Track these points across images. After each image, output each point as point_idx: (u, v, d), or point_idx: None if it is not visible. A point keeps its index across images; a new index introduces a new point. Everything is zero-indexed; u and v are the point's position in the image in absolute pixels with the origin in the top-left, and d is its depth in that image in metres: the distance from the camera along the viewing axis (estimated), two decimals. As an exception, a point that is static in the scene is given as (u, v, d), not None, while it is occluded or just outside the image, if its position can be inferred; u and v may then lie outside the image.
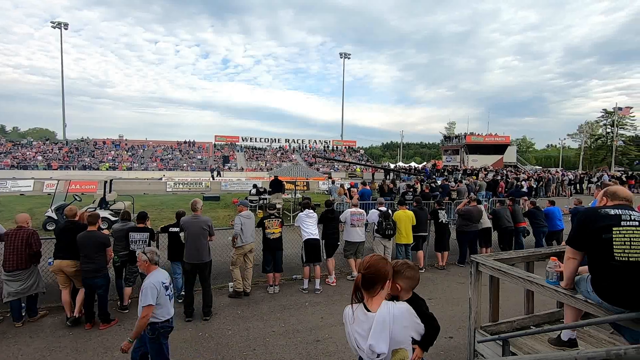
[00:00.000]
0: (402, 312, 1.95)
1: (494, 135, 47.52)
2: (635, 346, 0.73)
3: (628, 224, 2.21)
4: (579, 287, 2.54)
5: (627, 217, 2.24)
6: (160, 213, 14.08)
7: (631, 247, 2.14)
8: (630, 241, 2.16)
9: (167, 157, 42.03)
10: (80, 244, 4.93)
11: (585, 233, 2.36)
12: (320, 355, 4.42)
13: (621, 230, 2.20)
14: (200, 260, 5.41)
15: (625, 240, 2.17)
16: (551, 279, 2.76)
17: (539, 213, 9.14)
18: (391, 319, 1.91)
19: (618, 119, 56.18)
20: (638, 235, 2.17)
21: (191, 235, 5.44)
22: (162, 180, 27.89)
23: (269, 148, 50.24)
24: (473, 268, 3.58)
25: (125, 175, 31.92)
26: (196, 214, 5.65)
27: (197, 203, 5.74)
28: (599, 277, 2.29)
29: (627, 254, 2.14)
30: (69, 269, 5.06)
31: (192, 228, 5.46)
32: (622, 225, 2.21)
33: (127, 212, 6.09)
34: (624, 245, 2.16)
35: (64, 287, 5.17)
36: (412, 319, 1.98)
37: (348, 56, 53.67)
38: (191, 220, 5.56)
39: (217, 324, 5.22)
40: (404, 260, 2.37)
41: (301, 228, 6.72)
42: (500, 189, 17.44)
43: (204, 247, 5.50)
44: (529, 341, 3.23)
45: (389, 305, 1.96)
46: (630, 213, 2.28)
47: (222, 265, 7.20)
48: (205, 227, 5.54)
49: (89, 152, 39.89)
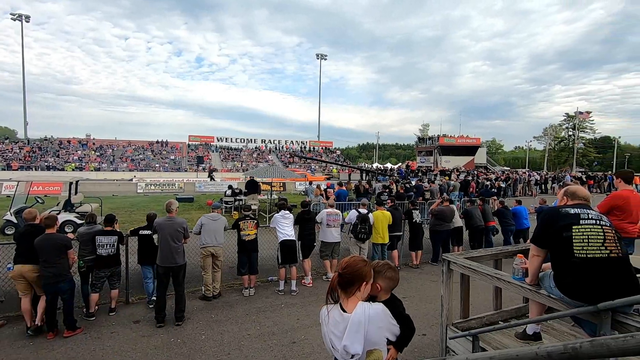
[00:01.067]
0: (377, 313, 1.96)
1: (466, 137, 49.18)
2: (590, 339, 0.77)
3: (586, 222, 2.32)
4: (542, 283, 2.66)
5: (586, 216, 2.35)
6: (130, 215, 13.60)
7: (589, 244, 2.24)
8: (588, 239, 2.25)
9: (138, 158, 40.66)
10: (39, 248, 4.65)
11: (548, 232, 2.46)
12: (296, 357, 4.40)
13: (580, 229, 2.29)
14: (174, 264, 5.25)
15: (584, 237, 2.26)
16: (517, 275, 2.88)
17: (507, 212, 9.53)
18: (366, 319, 1.91)
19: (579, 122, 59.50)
20: (595, 232, 2.27)
21: (165, 237, 5.26)
22: (133, 181, 26.88)
23: (244, 148, 49.64)
24: (445, 267, 3.68)
25: (93, 176, 30.56)
26: (171, 216, 5.48)
27: (171, 204, 5.57)
28: (561, 273, 2.40)
29: (586, 250, 2.24)
30: (31, 274, 4.78)
31: (167, 230, 5.29)
32: (581, 223, 2.31)
33: (93, 215, 5.82)
34: (583, 242, 2.25)
35: (25, 295, 4.87)
36: (388, 320, 1.99)
37: (324, 57, 53.93)
38: (165, 222, 5.38)
39: (190, 329, 5.09)
40: (386, 261, 2.38)
41: (277, 229, 6.67)
42: (472, 189, 18.06)
43: (179, 249, 5.34)
44: (497, 336, 3.35)
45: (365, 306, 1.96)
46: (588, 212, 2.39)
47: (196, 268, 7.03)
48: (180, 230, 5.39)
49: (53, 151, 37.96)
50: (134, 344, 4.65)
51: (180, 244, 5.38)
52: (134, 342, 4.68)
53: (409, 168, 35.05)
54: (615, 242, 2.27)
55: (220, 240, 6.29)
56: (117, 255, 5.60)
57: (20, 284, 4.80)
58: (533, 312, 2.86)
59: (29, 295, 4.89)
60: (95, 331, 4.95)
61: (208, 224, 6.19)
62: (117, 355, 4.38)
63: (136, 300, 6.03)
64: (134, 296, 6.08)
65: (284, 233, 6.59)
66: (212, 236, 6.15)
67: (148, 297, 5.90)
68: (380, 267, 2.22)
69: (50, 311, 4.78)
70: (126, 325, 5.17)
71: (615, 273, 2.21)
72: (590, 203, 2.61)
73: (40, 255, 4.67)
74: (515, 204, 10.14)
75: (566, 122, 66.87)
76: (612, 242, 2.26)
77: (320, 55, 53.58)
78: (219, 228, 6.27)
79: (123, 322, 5.24)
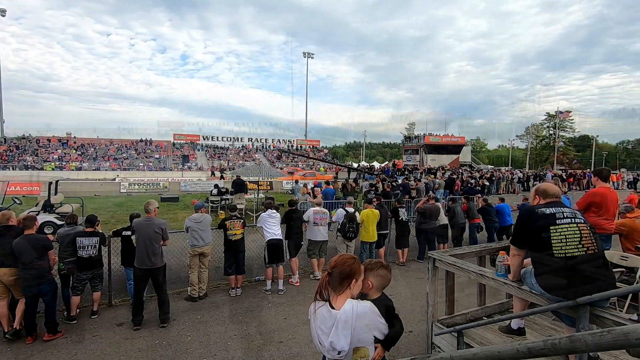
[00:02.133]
0: (365, 311, 1.96)
1: (451, 136, 49.86)
2: (568, 335, 0.79)
3: (562, 222, 2.41)
4: (525, 279, 2.72)
5: (561, 215, 2.44)
6: (113, 216, 13.31)
7: (567, 244, 2.34)
8: (565, 238, 2.35)
9: (122, 157, 39.78)
10: (18, 250, 4.49)
11: (526, 233, 2.56)
12: (283, 356, 4.39)
13: (557, 229, 2.38)
14: (153, 266, 5.14)
15: (562, 237, 2.36)
16: (500, 271, 2.94)
17: (490, 210, 9.72)
18: (354, 317, 1.92)
19: (559, 121, 61.10)
20: (572, 231, 2.37)
21: (143, 238, 5.14)
22: (116, 180, 26.31)
23: (231, 147, 49.15)
24: (430, 264, 3.73)
25: (74, 176, 29.74)
26: (150, 216, 5.36)
27: (150, 204, 5.44)
28: (541, 271, 2.49)
29: (564, 250, 2.33)
30: (8, 277, 4.61)
31: (144, 231, 5.16)
32: (558, 223, 2.40)
33: (73, 216, 5.67)
34: (561, 242, 2.35)
35: (1, 299, 4.71)
36: (375, 318, 1.99)
37: (311, 56, 53.81)
38: (144, 223, 5.26)
39: (175, 331, 5.01)
40: (379, 259, 2.39)
41: (264, 228, 6.63)
42: (457, 187, 18.35)
43: (157, 251, 5.21)
44: (481, 332, 3.41)
45: (354, 303, 1.97)
46: (563, 210, 2.48)
47: (181, 269, 6.94)
48: (158, 231, 5.24)
49: (32, 150, 36.77)
50: (116, 347, 4.56)
51: (158, 246, 5.25)
52: (116, 346, 4.59)
53: (395, 167, 35.35)
54: (591, 238, 2.37)
55: (207, 240, 6.24)
56: (99, 257, 5.47)
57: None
58: (517, 307, 2.94)
59: (7, 299, 4.73)
60: (76, 335, 4.82)
61: (192, 226, 6.13)
62: (99, 358, 4.29)
63: (119, 302, 5.90)
64: (117, 298, 5.95)
65: (271, 232, 6.56)
66: (198, 237, 6.10)
67: (132, 299, 5.78)
68: (372, 265, 2.23)
69: (29, 314, 4.64)
70: (109, 328, 5.06)
71: (592, 269, 2.31)
72: (560, 199, 2.70)
73: (20, 257, 4.51)
74: (498, 202, 10.35)
75: (547, 121, 68.63)
76: (588, 239, 2.36)
77: (307, 53, 53.46)
78: (204, 228, 6.20)
79: (105, 325, 5.12)
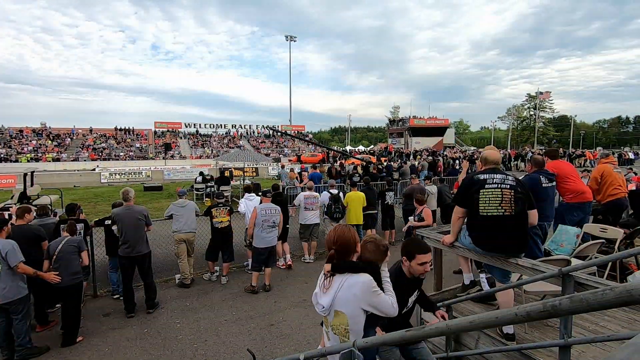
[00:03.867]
0: (357, 281, 1.95)
1: (435, 118, 50.19)
2: (569, 296, 0.77)
3: (490, 186, 2.78)
4: (458, 238, 3.17)
5: (491, 181, 2.81)
6: (94, 207, 12.96)
7: (489, 205, 2.74)
8: (489, 200, 2.75)
9: (101, 146, 38.54)
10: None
11: (464, 194, 2.95)
12: (274, 339, 4.41)
13: (484, 192, 2.78)
14: (138, 253, 5.05)
15: (486, 199, 2.76)
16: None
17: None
18: (344, 280, 1.97)
19: (539, 102, 62.19)
20: (495, 195, 2.75)
21: (126, 227, 5.01)
22: (96, 171, 25.50)
23: (215, 134, 48.24)
24: (418, 242, 3.75)
25: (52, 167, 28.73)
26: (129, 204, 5.20)
27: (128, 192, 5.27)
28: (470, 227, 2.96)
29: (486, 210, 2.75)
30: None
31: (127, 219, 5.04)
32: (486, 187, 2.79)
33: (44, 207, 5.46)
34: (485, 203, 2.76)
35: None
36: (368, 290, 1.95)
37: (294, 39, 52.75)
38: (124, 212, 5.11)
39: (165, 318, 4.96)
40: (370, 235, 2.41)
41: (246, 215, 6.57)
42: (439, 168, 18.60)
43: (141, 238, 5.13)
44: (470, 306, 3.49)
45: (348, 275, 2.00)
46: (494, 176, 2.83)
47: (167, 257, 6.83)
48: (141, 217, 5.15)
49: (4, 142, 35.19)
50: (104, 337, 4.48)
51: (143, 233, 5.17)
52: (104, 336, 4.51)
53: (387, 150, 35.58)
54: (511, 202, 2.73)
55: (192, 226, 6.14)
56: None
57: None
58: (461, 263, 3.47)
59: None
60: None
61: (177, 211, 6.03)
62: (86, 349, 4.21)
63: (104, 292, 5.78)
64: (101, 289, 5.83)
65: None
66: (182, 222, 6.01)
67: (113, 287, 5.68)
68: (363, 242, 2.29)
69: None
70: (95, 319, 4.96)
71: (507, 228, 2.72)
72: (499, 166, 3.08)
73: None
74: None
75: (528, 102, 69.80)
76: (508, 202, 2.73)
77: (290, 36, 52.36)
78: (189, 214, 6.09)
79: (92, 317, 5.01)
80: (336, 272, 2.01)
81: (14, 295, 3.90)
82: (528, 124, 69.46)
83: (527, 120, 70.56)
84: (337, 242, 2.05)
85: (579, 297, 0.74)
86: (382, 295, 1.97)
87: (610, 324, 2.97)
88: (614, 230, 4.58)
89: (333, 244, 2.05)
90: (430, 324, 1.62)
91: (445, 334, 2.86)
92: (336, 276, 2.01)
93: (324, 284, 2.07)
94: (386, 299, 1.98)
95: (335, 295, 1.97)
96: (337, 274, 2.01)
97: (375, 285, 1.96)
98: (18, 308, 3.95)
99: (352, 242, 2.06)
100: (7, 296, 3.87)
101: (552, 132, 68.33)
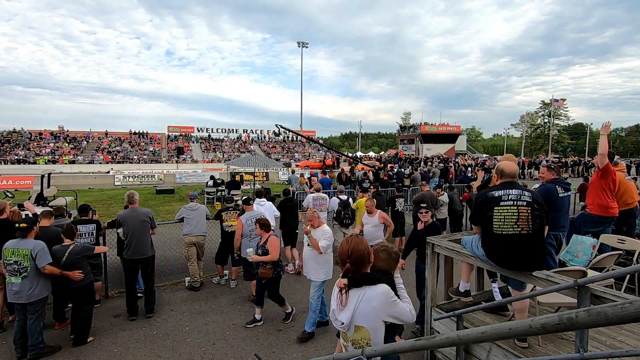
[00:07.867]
0: (376, 293, 1.93)
1: (446, 125, 49.78)
2: (586, 309, 0.75)
3: (505, 203, 2.69)
4: (465, 244, 3.16)
5: (506, 197, 2.70)
6: (108, 208, 13.20)
7: (504, 223, 2.65)
8: (504, 218, 2.66)
9: (115, 150, 39.31)
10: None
11: (478, 212, 2.88)
12: (283, 344, 4.38)
13: (499, 210, 2.69)
14: (143, 256, 5.10)
15: (501, 217, 2.67)
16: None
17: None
18: (362, 294, 1.92)
19: (554, 109, 61.13)
20: (511, 213, 2.65)
21: (132, 229, 5.06)
22: (110, 173, 25.99)
23: (226, 139, 48.74)
24: (429, 249, 3.70)
25: (68, 169, 29.41)
26: (133, 207, 5.27)
27: (133, 195, 5.33)
28: (485, 243, 2.86)
29: (501, 228, 2.66)
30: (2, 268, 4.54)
31: (132, 222, 5.09)
32: (501, 204, 2.70)
33: (60, 208, 5.58)
34: (500, 221, 2.67)
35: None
36: (387, 301, 1.93)
37: (306, 45, 53.17)
38: (129, 214, 5.17)
39: (174, 321, 4.99)
40: (381, 243, 2.38)
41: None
42: (451, 175, 18.41)
43: (147, 241, 5.18)
44: (480, 316, 3.42)
45: (366, 288, 1.96)
46: (510, 192, 2.71)
47: (177, 259, 6.89)
48: (146, 220, 5.19)
49: (24, 144, 36.19)
50: (114, 338, 4.52)
51: (148, 235, 5.21)
52: (114, 337, 4.55)
53: (397, 156, 35.42)
54: (528, 221, 2.63)
55: (202, 229, 6.19)
56: (96, 245, 5.39)
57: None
58: (463, 269, 3.44)
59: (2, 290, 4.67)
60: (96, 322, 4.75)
61: (188, 214, 6.09)
62: (97, 350, 4.25)
63: (116, 293, 5.85)
64: (113, 290, 5.90)
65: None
66: (193, 225, 6.06)
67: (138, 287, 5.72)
68: (374, 250, 2.24)
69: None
70: (106, 319, 5.02)
71: (524, 247, 2.62)
72: (516, 179, 2.97)
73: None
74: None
75: (542, 109, 68.66)
76: (525, 221, 2.63)
77: (302, 43, 52.78)
78: (199, 217, 6.15)
79: (103, 317, 5.07)
80: (353, 287, 1.96)
81: (37, 296, 4.01)
82: (542, 131, 68.27)
83: (541, 128, 69.38)
84: (351, 255, 1.99)
85: (597, 310, 0.72)
86: (400, 303, 1.96)
87: (628, 338, 2.87)
88: (633, 242, 4.45)
89: (347, 257, 2.00)
90: (440, 335, 1.60)
91: (456, 345, 2.80)
92: (352, 290, 1.95)
93: (340, 300, 2.00)
94: (404, 307, 1.96)
95: (355, 310, 1.91)
96: (354, 287, 1.95)
97: (393, 295, 1.94)
98: (36, 308, 4.04)
99: (366, 253, 2.02)
100: (32, 296, 3.97)
101: (567, 140, 66.99)
